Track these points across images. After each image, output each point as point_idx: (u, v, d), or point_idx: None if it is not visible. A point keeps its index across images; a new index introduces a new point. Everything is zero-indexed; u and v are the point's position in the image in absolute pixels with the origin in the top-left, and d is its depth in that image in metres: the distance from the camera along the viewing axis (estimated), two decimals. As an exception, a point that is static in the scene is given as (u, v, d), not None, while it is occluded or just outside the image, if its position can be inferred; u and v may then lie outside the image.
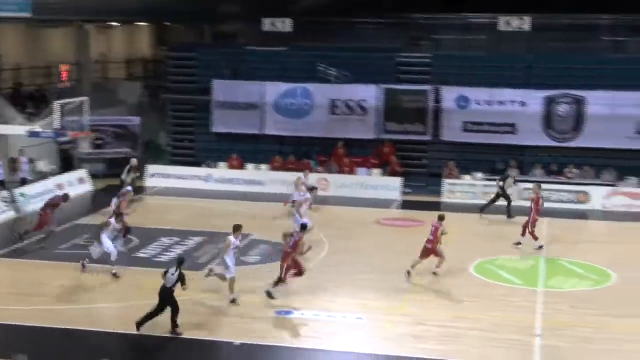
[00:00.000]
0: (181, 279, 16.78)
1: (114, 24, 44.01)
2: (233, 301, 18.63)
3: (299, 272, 19.43)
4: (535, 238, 23.97)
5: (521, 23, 33.82)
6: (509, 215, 27.83)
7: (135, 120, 36.44)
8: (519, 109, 32.50)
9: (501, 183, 28.52)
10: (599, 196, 30.36)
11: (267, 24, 36.03)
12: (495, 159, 32.84)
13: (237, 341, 16.42)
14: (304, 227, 20.10)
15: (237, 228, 18.94)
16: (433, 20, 35.99)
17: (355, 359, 16.06)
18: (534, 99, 32.40)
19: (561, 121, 32.32)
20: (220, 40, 41.85)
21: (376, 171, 33.09)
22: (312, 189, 26.44)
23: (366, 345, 16.55)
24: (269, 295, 18.80)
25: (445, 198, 31.34)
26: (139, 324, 16.73)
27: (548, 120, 32.41)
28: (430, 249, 20.88)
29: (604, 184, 30.99)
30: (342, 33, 36.57)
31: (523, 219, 24.61)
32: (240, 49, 36.84)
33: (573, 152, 32.37)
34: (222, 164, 33.96)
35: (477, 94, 32.89)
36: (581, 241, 25.37)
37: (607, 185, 30.83)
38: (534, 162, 32.72)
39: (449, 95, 33.20)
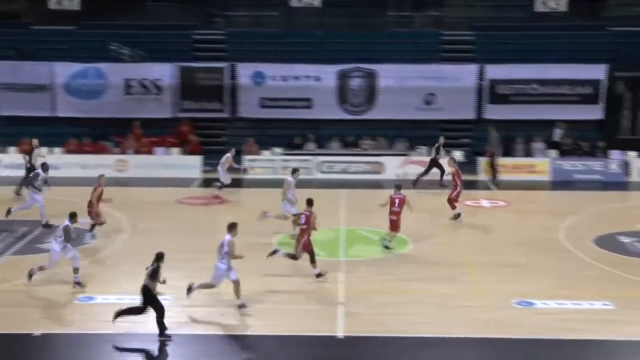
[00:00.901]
0: (151, 273, 15.57)
1: None
2: (242, 306, 17.14)
3: (295, 256, 19.12)
4: (453, 207, 24.58)
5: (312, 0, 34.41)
6: (442, 185, 28.75)
7: None
8: (314, 84, 33.14)
9: (435, 153, 29.39)
10: (393, 166, 31.54)
11: (54, 2, 34.61)
12: (293, 133, 33.35)
13: (38, 332, 15.82)
14: (310, 202, 19.28)
15: (233, 226, 17.08)
16: (225, -3, 35.95)
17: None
18: (327, 74, 33.14)
19: (355, 95, 33.29)
20: (1, 20, 39.66)
21: (175, 150, 32.73)
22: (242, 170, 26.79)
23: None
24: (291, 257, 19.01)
25: (246, 175, 31.46)
26: (118, 315, 15.91)
27: (342, 94, 33.28)
28: (395, 220, 21.49)
29: (397, 154, 32.22)
30: (134, 10, 35.71)
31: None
32: (25, 29, 35.14)
33: (367, 124, 33.46)
34: (12, 149, 32.37)
35: (273, 70, 33.21)
36: (378, 210, 26.19)
37: (400, 155, 32.09)
38: (331, 136, 33.51)
39: (245, 72, 33.34)
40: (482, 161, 31.69)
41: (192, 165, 32.01)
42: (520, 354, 15.47)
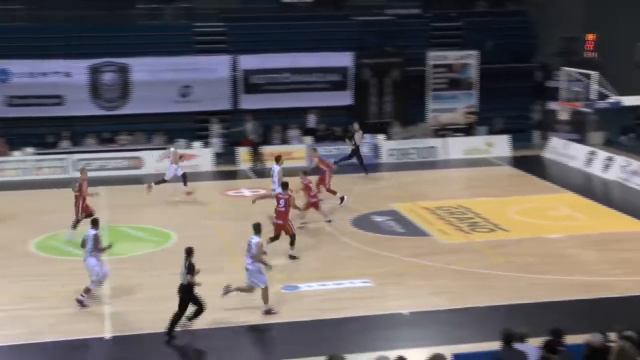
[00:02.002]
0: (190, 269, 15.39)
1: None
2: (269, 312, 16.66)
3: (277, 237, 20.07)
4: (334, 193, 24.78)
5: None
6: (366, 172, 29.43)
7: None
8: (64, 80, 32.05)
9: (352, 141, 29.35)
10: (152, 160, 31.23)
11: None
12: (45, 132, 32.13)
13: None
14: (285, 186, 20.43)
15: (260, 227, 16.97)
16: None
17: None
18: (78, 69, 32.16)
19: (108, 90, 32.56)
20: None
21: None
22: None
23: None
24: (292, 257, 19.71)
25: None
26: (169, 332, 15.43)
27: (95, 90, 32.44)
28: (314, 202, 22.44)
29: (156, 148, 31.92)
30: None
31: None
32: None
33: (123, 120, 32.88)
34: None
35: (18, 67, 31.77)
36: (139, 206, 25.89)
37: (159, 149, 31.82)
38: (86, 132, 32.60)
39: (-12, 69, 31.65)
40: (243, 151, 32.11)
41: None
42: (286, 337, 15.95)
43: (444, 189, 27.88)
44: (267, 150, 31.71)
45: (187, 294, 15.62)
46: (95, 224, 17.51)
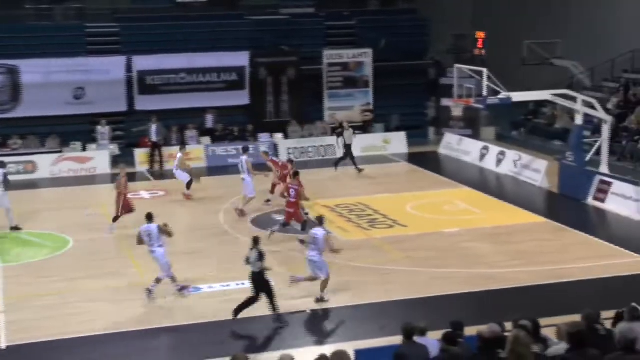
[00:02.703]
0: (261, 256, 15.96)
1: None
2: (321, 300, 17.16)
3: (288, 224, 21.41)
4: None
5: None
6: (336, 166, 30.11)
7: None
8: (-50, 83, 30.98)
9: (340, 139, 29.85)
10: (47, 164, 30.50)
11: None
12: None
13: None
14: (296, 174, 22.07)
15: (322, 220, 17.67)
16: None
17: None
18: (-36, 72, 31.14)
19: (-3, 92, 31.62)
20: None
21: None
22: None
23: None
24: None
25: None
26: (236, 311, 16.13)
27: (-17, 93, 31.45)
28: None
29: (50, 152, 31.19)
30: None
31: None
32: None
33: (15, 123, 31.93)
34: None
35: None
36: (35, 211, 25.28)
37: (53, 153, 31.10)
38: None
39: None
40: (140, 152, 31.66)
41: None
42: (190, 340, 15.86)
43: (342, 187, 28.13)
44: (165, 151, 31.35)
45: (260, 281, 16.12)
46: (150, 218, 17.73)
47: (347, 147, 30.12)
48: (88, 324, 16.30)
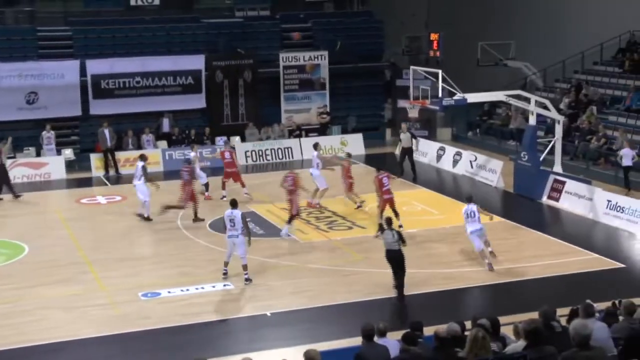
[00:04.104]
0: (400, 236, 17.25)
1: None
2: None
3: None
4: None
5: None
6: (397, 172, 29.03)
7: None
8: None
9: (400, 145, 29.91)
10: (0, 170, 30.02)
11: None
12: None
13: None
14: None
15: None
16: None
17: None
18: None
19: (-54, 98, 31.06)
20: None
21: None
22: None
23: None
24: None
25: None
26: (400, 299, 17.14)
27: None
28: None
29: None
30: None
31: None
32: None
33: (-34, 129, 31.44)
34: None
35: None
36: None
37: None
38: None
39: None
40: (95, 157, 31.35)
41: None
42: (149, 345, 15.75)
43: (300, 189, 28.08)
44: (121, 156, 31.12)
45: (400, 258, 17.26)
46: (235, 204, 18.69)
47: (405, 151, 29.84)
48: (46, 331, 16.12)
